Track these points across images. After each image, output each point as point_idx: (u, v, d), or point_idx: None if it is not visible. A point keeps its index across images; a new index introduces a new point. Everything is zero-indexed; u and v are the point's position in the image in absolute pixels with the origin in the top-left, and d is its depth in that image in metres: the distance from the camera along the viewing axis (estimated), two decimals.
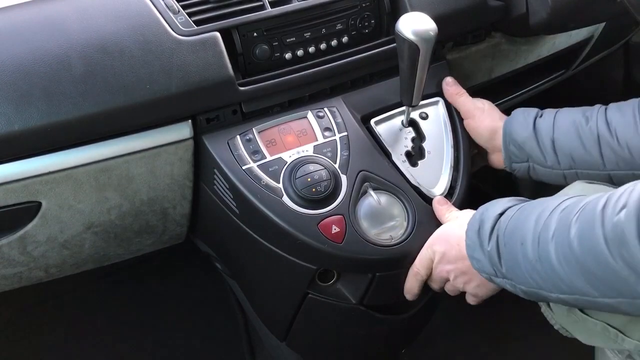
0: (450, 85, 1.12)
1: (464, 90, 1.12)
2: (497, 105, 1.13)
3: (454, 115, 1.10)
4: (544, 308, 1.10)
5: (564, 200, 0.78)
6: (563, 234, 0.72)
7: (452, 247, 0.93)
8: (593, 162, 1.00)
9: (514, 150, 1.06)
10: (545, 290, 0.79)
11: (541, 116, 1.06)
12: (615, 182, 1.00)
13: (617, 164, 0.98)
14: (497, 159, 1.11)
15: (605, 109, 1.01)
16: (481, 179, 1.65)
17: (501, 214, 0.85)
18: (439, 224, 1.00)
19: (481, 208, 0.90)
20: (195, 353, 1.55)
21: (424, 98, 1.04)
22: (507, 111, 1.12)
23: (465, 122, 1.11)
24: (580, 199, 0.75)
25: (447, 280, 0.97)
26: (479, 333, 1.59)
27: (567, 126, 1.02)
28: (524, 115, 1.06)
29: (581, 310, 1.00)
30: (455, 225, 0.94)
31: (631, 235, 0.64)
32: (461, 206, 1.02)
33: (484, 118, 1.09)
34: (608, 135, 0.98)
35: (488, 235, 0.84)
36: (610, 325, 0.95)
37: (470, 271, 0.91)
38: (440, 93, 1.12)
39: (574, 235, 0.70)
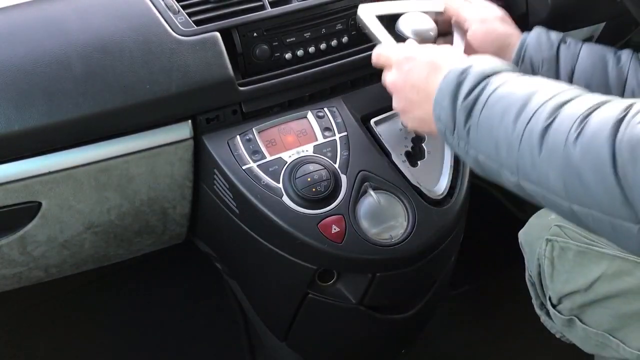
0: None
1: (466, 2, 1.00)
2: None
3: None
4: (543, 318, 1.10)
5: (573, 89, 0.68)
6: (562, 129, 0.63)
7: (416, 70, 0.83)
8: None
9: (526, 68, 0.95)
10: (505, 168, 0.69)
11: (566, 42, 0.96)
12: None
13: None
14: None
15: (639, 54, 0.92)
16: (482, 178, 1.65)
17: (492, 74, 0.74)
18: (438, 224, 1.00)
19: (470, 59, 0.77)
20: (195, 353, 1.55)
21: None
22: None
23: (473, 29, 0.97)
24: (596, 96, 0.65)
25: (390, 89, 0.88)
26: (479, 333, 1.59)
27: (594, 60, 0.93)
28: (547, 35, 0.95)
29: (581, 321, 1.00)
30: (437, 54, 0.83)
31: None
32: (461, 206, 1.02)
33: (497, 24, 0.97)
34: (636, 82, 0.90)
35: (468, 89, 0.73)
36: (612, 335, 0.95)
37: (420, 106, 0.82)
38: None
39: (576, 134, 0.62)
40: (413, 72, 0.83)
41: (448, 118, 0.75)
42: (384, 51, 0.92)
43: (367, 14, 0.99)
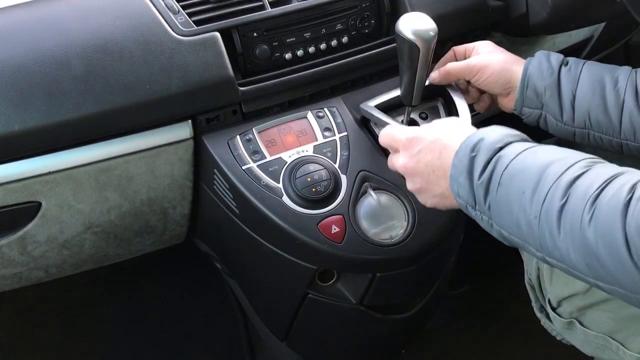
0: (437, 76, 1.04)
1: (451, 64, 1.04)
2: None
3: (454, 115, 1.10)
4: (543, 320, 1.10)
5: (580, 161, 0.70)
6: (576, 210, 0.66)
7: (428, 151, 0.83)
8: (609, 127, 0.94)
9: (530, 95, 0.99)
10: (530, 245, 0.72)
11: (567, 64, 0.98)
12: (624, 152, 0.96)
13: (634, 135, 0.93)
14: (508, 102, 1.03)
15: (636, 73, 0.94)
16: None
17: (501, 148, 0.76)
18: (439, 223, 0.99)
19: (478, 132, 0.79)
20: (195, 353, 1.55)
21: (424, 98, 1.04)
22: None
23: (474, 80, 1.03)
24: (601, 171, 0.68)
25: (402, 172, 0.89)
26: (479, 333, 1.59)
27: (593, 83, 0.95)
28: (548, 60, 0.98)
29: (581, 324, 1.00)
30: (443, 131, 0.84)
31: None
32: None
33: (493, 66, 1.01)
34: (633, 104, 0.92)
35: (482, 167, 0.75)
36: (612, 338, 0.95)
37: (438, 184, 0.83)
38: (440, 93, 1.12)
39: (589, 217, 0.65)
40: (424, 153, 0.85)
41: (467, 194, 0.77)
42: (390, 131, 0.93)
43: (369, 107, 1.03)
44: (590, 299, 0.96)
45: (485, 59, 1.02)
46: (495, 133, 0.78)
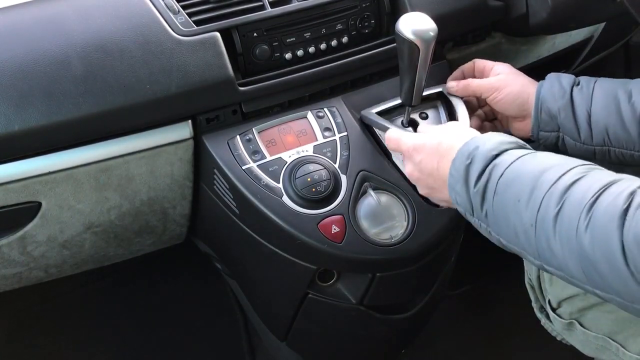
0: (455, 86, 1.06)
1: (469, 79, 1.06)
2: None
3: (454, 115, 1.10)
4: (543, 321, 1.10)
5: (575, 167, 0.70)
6: (572, 217, 0.66)
7: (428, 160, 0.86)
8: (629, 142, 0.94)
9: (545, 118, 0.99)
10: (528, 253, 0.72)
11: (578, 84, 0.99)
12: None
13: None
14: (524, 127, 1.04)
15: None
16: None
17: (497, 155, 0.76)
18: (439, 223, 1.00)
19: (474, 140, 0.80)
20: (195, 353, 1.55)
21: (424, 98, 1.04)
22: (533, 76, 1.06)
23: (491, 98, 1.03)
24: (597, 178, 0.67)
25: (410, 179, 0.93)
26: (479, 333, 1.59)
27: (607, 100, 0.95)
28: (559, 82, 0.99)
29: (581, 324, 1.00)
30: (442, 137, 0.85)
31: None
32: None
33: (511, 87, 1.02)
34: None
35: (477, 175, 0.76)
36: (612, 339, 0.95)
37: (440, 191, 0.86)
38: (440, 93, 1.12)
39: (585, 224, 0.64)
40: (425, 162, 0.87)
41: (465, 202, 0.78)
42: (396, 136, 0.95)
43: (370, 113, 1.04)
44: (591, 300, 0.96)
45: (506, 79, 1.03)
46: (491, 141, 0.78)
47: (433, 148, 0.85)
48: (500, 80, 1.03)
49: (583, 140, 0.98)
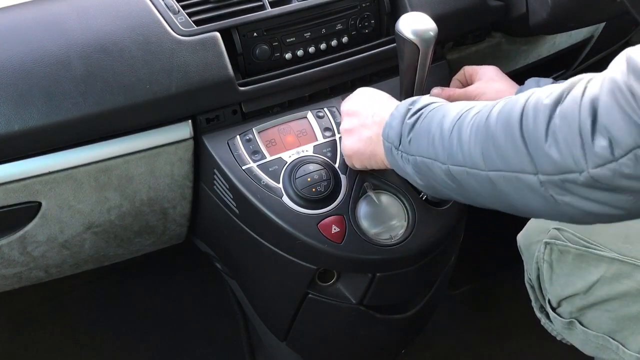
0: (441, 94, 1.07)
1: (453, 88, 1.08)
2: None
3: None
4: (543, 320, 1.10)
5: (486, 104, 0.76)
6: (487, 109, 0.72)
7: (379, 104, 0.92)
8: None
9: None
10: (438, 161, 0.77)
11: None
12: None
13: None
14: None
15: None
16: None
17: (434, 102, 0.84)
18: (439, 223, 1.00)
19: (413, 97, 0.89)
20: (195, 353, 1.55)
21: None
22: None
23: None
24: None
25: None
26: (479, 333, 1.59)
27: None
28: (537, 84, 1.00)
29: (581, 323, 1.00)
30: (377, 103, 0.93)
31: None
32: (461, 206, 1.02)
33: (487, 95, 1.04)
34: None
35: (416, 109, 0.83)
36: (612, 338, 0.95)
37: (368, 131, 0.91)
38: None
39: (497, 108, 0.70)
40: (371, 102, 0.94)
41: (395, 135, 0.84)
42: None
43: None
44: (590, 299, 0.96)
45: (482, 86, 1.05)
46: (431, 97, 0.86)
47: (383, 97, 0.94)
48: (478, 88, 1.06)
49: None
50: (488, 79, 1.06)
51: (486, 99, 1.02)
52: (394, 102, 0.92)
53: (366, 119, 0.92)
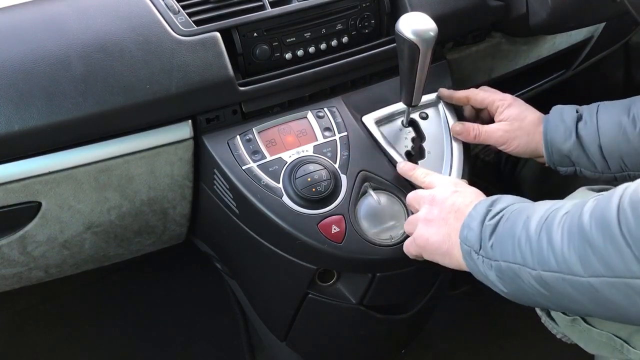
0: (460, 132, 1.05)
1: (477, 126, 1.05)
2: None
3: (455, 116, 1.10)
4: (544, 318, 1.09)
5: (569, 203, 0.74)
6: (576, 209, 0.69)
7: (441, 209, 0.87)
8: None
9: (558, 158, 1.01)
10: (527, 267, 0.74)
11: (581, 119, 0.99)
12: None
13: None
14: (542, 161, 1.06)
15: None
16: (483, 177, 1.65)
17: (513, 204, 0.81)
18: None
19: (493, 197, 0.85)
20: (195, 353, 1.55)
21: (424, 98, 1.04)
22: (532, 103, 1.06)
23: (501, 149, 1.05)
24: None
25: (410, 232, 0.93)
26: (479, 333, 1.59)
27: (614, 131, 0.95)
28: (562, 121, 1.00)
29: (585, 321, 0.99)
30: (458, 194, 0.89)
31: None
32: None
33: (518, 140, 1.03)
34: None
35: (497, 211, 0.80)
36: (616, 336, 0.95)
37: (447, 226, 0.86)
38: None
39: (587, 208, 0.67)
40: (452, 199, 0.88)
41: (475, 237, 0.80)
42: (410, 195, 0.96)
43: (369, 121, 1.05)
44: None
45: (510, 133, 1.03)
46: (510, 197, 0.83)
47: (455, 201, 0.88)
48: (506, 134, 1.04)
49: (601, 171, 0.99)
50: (513, 119, 1.04)
51: (517, 144, 1.03)
52: (474, 194, 0.88)
53: (448, 213, 0.87)
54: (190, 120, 0.98)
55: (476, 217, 0.81)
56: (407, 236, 0.97)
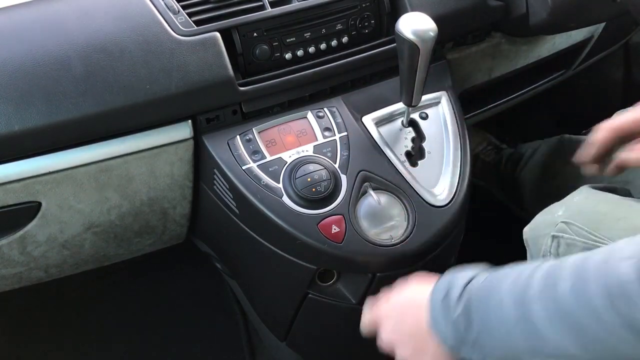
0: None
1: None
2: (497, 106, 1.12)
3: (455, 115, 1.10)
4: None
5: (541, 264, 0.69)
6: (551, 290, 0.64)
7: (405, 317, 0.80)
8: None
9: None
10: (526, 355, 0.68)
11: None
12: None
13: None
14: None
15: None
16: (483, 177, 1.65)
17: (470, 281, 0.74)
18: (438, 224, 0.99)
19: (445, 275, 0.77)
20: (195, 353, 1.55)
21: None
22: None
23: None
24: (564, 259, 0.67)
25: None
26: None
27: None
28: None
29: None
30: (411, 292, 0.82)
31: (635, 291, 0.56)
32: (461, 206, 1.02)
33: None
34: None
35: (455, 301, 0.72)
36: None
37: (428, 348, 0.77)
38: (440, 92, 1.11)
39: (567, 289, 0.62)
40: (400, 323, 0.81)
41: (450, 331, 0.72)
42: (365, 317, 0.89)
43: (369, 121, 1.05)
44: None
45: None
46: (463, 272, 0.77)
47: (403, 306, 0.81)
48: None
49: None
50: None
51: None
52: (418, 301, 0.77)
53: (415, 342, 0.78)
54: (190, 120, 0.98)
55: (437, 317, 0.74)
56: (407, 236, 0.97)
